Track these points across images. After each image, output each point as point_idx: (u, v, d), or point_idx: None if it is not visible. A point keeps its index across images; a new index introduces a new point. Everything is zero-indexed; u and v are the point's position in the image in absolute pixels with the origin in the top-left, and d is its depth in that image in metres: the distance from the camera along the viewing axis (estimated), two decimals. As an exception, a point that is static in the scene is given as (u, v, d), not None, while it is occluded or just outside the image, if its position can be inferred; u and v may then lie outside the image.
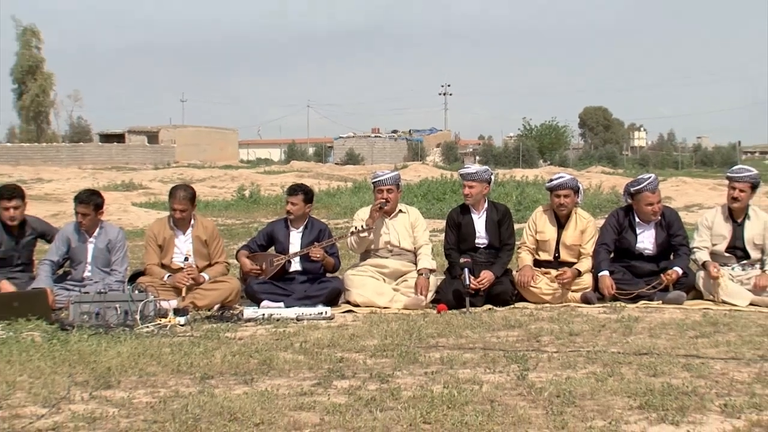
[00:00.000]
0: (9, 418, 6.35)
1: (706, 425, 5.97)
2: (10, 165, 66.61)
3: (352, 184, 40.78)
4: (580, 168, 61.80)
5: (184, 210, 11.42)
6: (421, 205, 13.45)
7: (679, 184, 36.78)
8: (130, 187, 38.48)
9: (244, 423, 6.04)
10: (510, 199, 23.75)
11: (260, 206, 30.03)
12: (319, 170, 61.77)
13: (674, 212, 12.34)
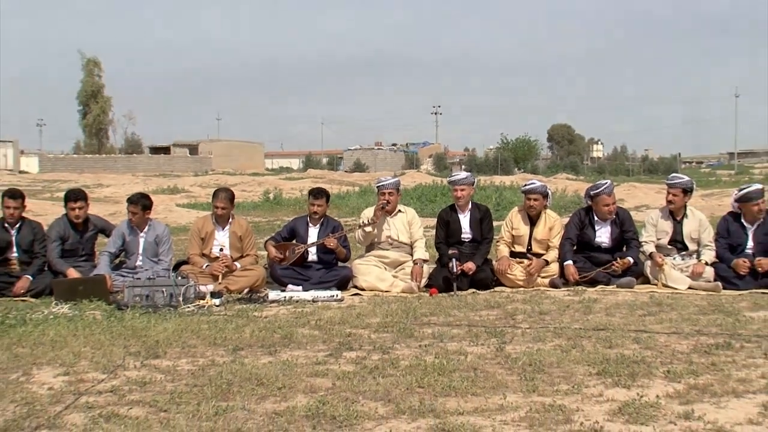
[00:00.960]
0: (75, 382, 6.40)
1: (652, 388, 5.99)
2: (76, 173, 66.52)
3: (358, 188, 40.70)
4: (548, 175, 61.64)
5: (224, 208, 11.57)
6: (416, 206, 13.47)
7: (630, 189, 36.74)
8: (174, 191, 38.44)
9: (269, 387, 6.08)
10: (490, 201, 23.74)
11: (282, 206, 30.05)
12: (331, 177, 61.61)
13: (626, 212, 12.41)
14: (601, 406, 5.59)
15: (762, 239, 11.58)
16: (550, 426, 5.13)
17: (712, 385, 6.11)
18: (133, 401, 5.82)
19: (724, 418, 5.30)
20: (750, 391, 5.99)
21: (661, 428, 5.08)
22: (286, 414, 5.39)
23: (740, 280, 11.24)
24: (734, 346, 7.52)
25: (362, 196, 33.48)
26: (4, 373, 6.73)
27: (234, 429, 5.07)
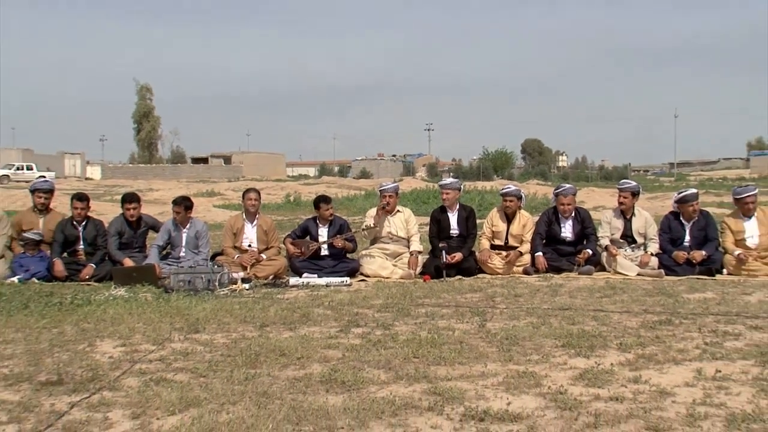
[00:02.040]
0: (130, 351, 6.41)
1: (607, 358, 5.98)
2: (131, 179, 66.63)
3: (364, 192, 40.71)
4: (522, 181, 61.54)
5: (256, 199, 11.77)
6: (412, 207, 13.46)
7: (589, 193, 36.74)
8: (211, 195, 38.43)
9: (290, 357, 6.06)
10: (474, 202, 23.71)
11: (301, 207, 30.04)
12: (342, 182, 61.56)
13: (586, 211, 12.42)
14: (565, 373, 5.58)
15: (697, 234, 11.63)
16: (524, 389, 5.11)
17: (656, 355, 6.11)
18: (178, 368, 5.82)
19: (665, 382, 5.30)
20: (687, 359, 5.99)
21: (614, 391, 5.07)
22: (304, 380, 5.38)
23: (679, 268, 11.27)
24: (674, 322, 7.51)
25: (367, 198, 33.49)
26: (72, 344, 6.74)
27: (261, 392, 5.05)
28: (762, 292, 9.64)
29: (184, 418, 4.53)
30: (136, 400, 4.97)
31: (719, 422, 4.46)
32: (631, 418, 4.51)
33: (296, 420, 4.47)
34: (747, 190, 12.02)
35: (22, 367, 5.92)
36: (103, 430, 4.43)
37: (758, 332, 7.04)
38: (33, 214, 12.02)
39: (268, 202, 32.33)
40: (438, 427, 4.37)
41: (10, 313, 8.23)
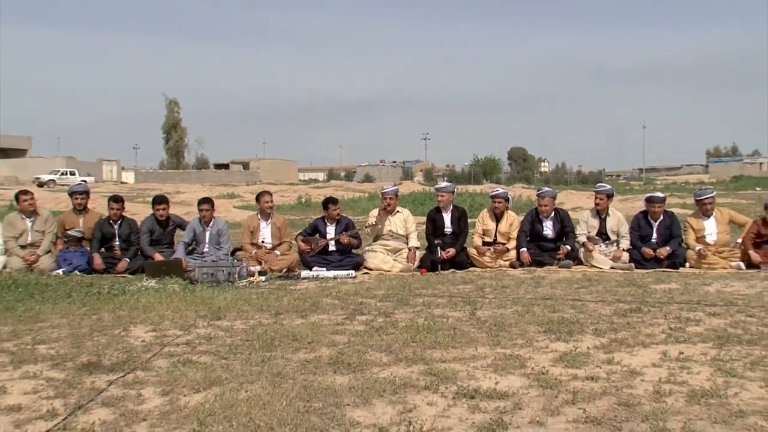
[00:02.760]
0: (160, 336, 6.41)
1: (584, 341, 5.98)
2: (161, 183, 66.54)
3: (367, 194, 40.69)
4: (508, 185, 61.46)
5: (270, 202, 11.82)
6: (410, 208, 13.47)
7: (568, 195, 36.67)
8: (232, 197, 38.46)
9: (301, 341, 6.05)
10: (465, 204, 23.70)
11: (311, 208, 30.04)
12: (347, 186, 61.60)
13: (566, 212, 12.40)
14: (546, 355, 5.57)
15: (663, 232, 11.65)
16: (510, 370, 5.11)
17: (627, 339, 6.10)
18: (202, 351, 5.81)
19: (635, 363, 5.29)
20: (654, 342, 5.99)
21: (590, 371, 5.06)
22: (314, 362, 5.37)
23: (647, 262, 11.28)
24: (643, 310, 7.50)
25: (370, 200, 33.43)
26: (109, 329, 6.74)
27: (275, 372, 5.05)
28: (719, 283, 9.64)
29: (208, 395, 4.54)
30: (166, 379, 4.98)
31: (682, 398, 4.46)
32: (604, 395, 4.51)
33: (307, 397, 4.46)
34: (706, 192, 12.10)
35: (66, 349, 5.94)
36: (136, 405, 4.43)
37: (716, 318, 7.05)
38: (73, 215, 12.06)
39: (282, 203, 32.40)
40: (434, 404, 4.37)
41: (55, 302, 8.27)
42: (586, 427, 3.95)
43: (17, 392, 4.77)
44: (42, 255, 11.38)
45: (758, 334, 6.33)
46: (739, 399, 4.47)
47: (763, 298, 8.35)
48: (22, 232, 11.53)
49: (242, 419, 4.06)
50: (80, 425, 4.09)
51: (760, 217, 11.66)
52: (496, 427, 3.93)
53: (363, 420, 4.09)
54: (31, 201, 11.74)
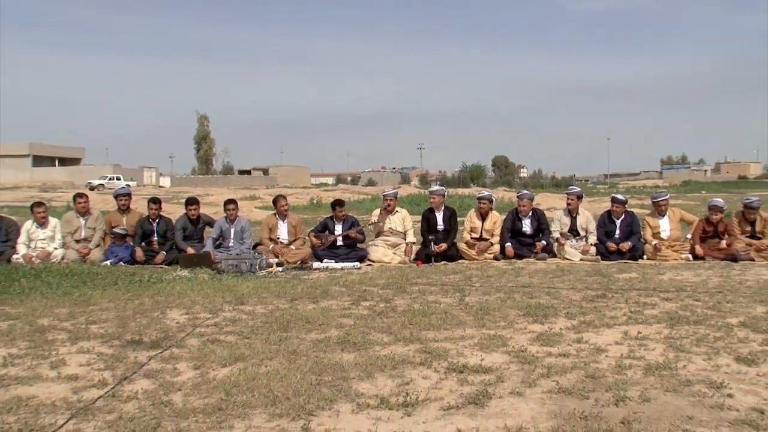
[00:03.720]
0: (192, 318, 6.40)
1: (557, 323, 5.97)
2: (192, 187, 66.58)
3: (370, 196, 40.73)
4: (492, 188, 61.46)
5: (286, 204, 11.82)
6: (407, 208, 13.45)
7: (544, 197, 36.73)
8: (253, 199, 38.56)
9: (313, 323, 6.03)
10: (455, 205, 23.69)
11: (321, 208, 30.02)
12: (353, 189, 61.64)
13: (542, 211, 12.41)
14: (525, 335, 5.55)
15: (624, 229, 11.64)
16: (494, 348, 5.09)
17: (594, 321, 6.08)
18: (228, 332, 5.80)
19: (601, 341, 5.28)
20: (617, 324, 5.97)
21: (562, 349, 5.05)
22: (324, 341, 5.36)
23: (611, 255, 11.27)
24: (607, 296, 7.48)
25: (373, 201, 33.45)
26: (149, 312, 6.73)
27: (291, 350, 5.03)
28: (672, 272, 9.64)
29: (233, 369, 4.52)
30: (197, 355, 4.96)
31: (639, 370, 4.46)
32: (574, 369, 4.49)
33: (318, 372, 4.45)
34: (661, 195, 12.17)
35: (113, 329, 5.95)
36: (172, 377, 4.42)
37: (669, 303, 7.05)
38: (118, 214, 12.12)
39: (296, 204, 32.42)
40: (428, 378, 4.35)
41: (104, 288, 8.30)
42: (558, 397, 3.93)
43: (74, 364, 4.82)
44: (93, 248, 11.51)
45: (703, 315, 6.35)
46: (686, 370, 4.49)
47: (707, 285, 8.36)
48: (77, 228, 11.69)
49: (262, 390, 4.05)
50: (126, 393, 4.11)
51: (705, 216, 11.69)
52: (482, 397, 3.91)
53: (367, 391, 4.08)
54: (85, 203, 11.91)
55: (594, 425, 3.45)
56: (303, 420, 3.61)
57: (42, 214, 11.53)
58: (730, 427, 3.51)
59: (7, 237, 11.47)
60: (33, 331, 5.91)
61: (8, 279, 8.74)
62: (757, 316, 6.33)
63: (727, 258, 11.04)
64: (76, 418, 3.71)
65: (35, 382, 4.41)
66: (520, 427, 3.47)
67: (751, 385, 4.21)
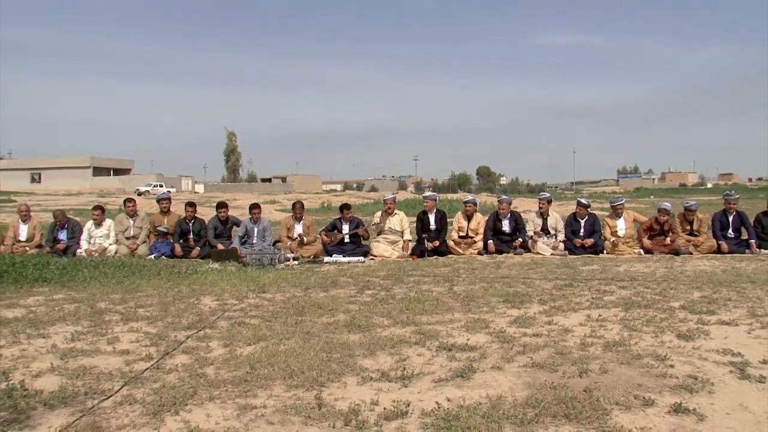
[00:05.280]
0: (222, 304, 6.38)
1: (531, 309, 5.95)
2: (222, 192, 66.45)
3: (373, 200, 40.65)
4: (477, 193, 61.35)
5: (301, 209, 11.74)
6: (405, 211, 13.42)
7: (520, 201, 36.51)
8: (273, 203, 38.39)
9: (324, 308, 6.03)
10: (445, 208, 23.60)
11: (331, 210, 29.98)
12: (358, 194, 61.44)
13: (518, 213, 12.37)
14: (504, 319, 5.54)
15: (588, 228, 11.67)
16: (478, 330, 5.08)
17: (562, 306, 6.08)
18: (252, 315, 5.79)
19: (568, 323, 5.27)
20: (581, 308, 5.97)
21: (535, 330, 5.05)
22: (334, 324, 5.35)
23: (576, 250, 11.29)
24: (574, 285, 7.48)
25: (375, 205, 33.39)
26: (186, 298, 6.73)
27: (305, 332, 5.02)
28: (626, 264, 9.63)
29: (257, 348, 4.51)
30: (226, 335, 4.96)
31: (600, 347, 4.46)
32: (546, 347, 4.49)
33: (329, 350, 4.44)
34: (618, 200, 12.26)
35: (156, 312, 5.97)
36: (206, 353, 4.42)
37: (624, 290, 7.07)
38: (160, 215, 12.15)
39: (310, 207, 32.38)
40: (422, 355, 4.34)
41: (149, 278, 8.34)
42: (532, 371, 3.93)
43: (125, 341, 4.86)
44: (140, 244, 11.58)
45: (651, 300, 6.39)
46: (637, 346, 4.50)
47: (655, 275, 8.38)
48: (127, 228, 11.81)
49: (281, 365, 4.04)
50: (168, 366, 4.12)
51: (654, 216, 11.72)
52: (467, 371, 3.90)
53: (370, 366, 4.07)
54: (133, 206, 12.03)
55: (561, 393, 3.45)
56: (316, 390, 3.60)
57: (98, 215, 11.72)
58: (670, 392, 3.52)
59: (72, 235, 11.73)
60: (93, 313, 5.99)
61: (74, 269, 8.83)
62: (694, 300, 6.39)
63: (670, 252, 11.10)
64: (128, 385, 3.74)
65: (96, 354, 4.47)
66: (500, 396, 3.46)
67: (688, 357, 4.24)
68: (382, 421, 3.16)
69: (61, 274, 8.43)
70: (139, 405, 3.42)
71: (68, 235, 11.68)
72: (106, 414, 3.30)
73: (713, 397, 3.45)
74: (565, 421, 3.10)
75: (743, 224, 11.67)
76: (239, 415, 3.27)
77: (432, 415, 3.21)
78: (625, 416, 3.16)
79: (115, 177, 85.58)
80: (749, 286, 7.29)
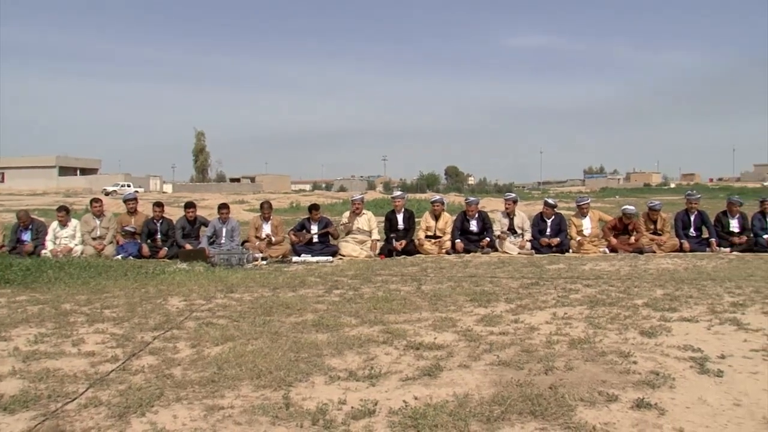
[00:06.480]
0: (189, 304, 6.31)
1: (498, 307, 5.99)
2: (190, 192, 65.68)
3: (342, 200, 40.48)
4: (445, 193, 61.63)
5: (269, 209, 11.68)
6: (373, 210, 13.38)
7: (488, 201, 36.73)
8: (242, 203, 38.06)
9: (292, 308, 5.98)
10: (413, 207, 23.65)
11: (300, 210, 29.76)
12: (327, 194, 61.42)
13: (486, 213, 12.44)
14: (472, 317, 5.57)
15: (554, 227, 11.77)
16: (445, 329, 5.10)
17: (529, 304, 6.12)
18: (220, 315, 5.73)
19: (534, 321, 5.32)
20: (547, 306, 6.03)
21: (502, 328, 5.08)
22: (302, 324, 5.32)
23: (543, 249, 11.39)
24: (540, 283, 7.55)
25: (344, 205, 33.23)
26: (153, 299, 6.64)
27: (273, 332, 4.99)
28: (592, 263, 9.75)
29: (224, 348, 4.47)
30: (194, 335, 4.91)
31: (565, 345, 4.51)
32: (512, 345, 4.52)
33: (296, 350, 4.42)
34: (584, 199, 12.43)
35: (123, 313, 5.89)
36: (173, 354, 4.37)
37: (589, 288, 7.14)
38: (127, 216, 12.06)
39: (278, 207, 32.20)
40: (389, 354, 4.34)
41: (116, 279, 8.22)
42: (498, 368, 3.95)
43: (91, 342, 4.79)
44: (107, 245, 11.45)
45: (616, 298, 6.47)
46: (602, 343, 4.55)
47: (619, 273, 8.50)
48: (93, 228, 11.68)
49: (249, 365, 4.01)
50: (134, 367, 4.07)
51: (618, 216, 11.89)
52: (435, 370, 3.91)
53: (338, 366, 4.06)
54: (100, 206, 11.96)
55: (527, 391, 3.48)
56: (283, 390, 3.58)
57: (63, 216, 11.56)
58: (633, 387, 3.57)
59: (36, 236, 11.56)
60: (58, 314, 5.88)
61: (38, 270, 8.66)
62: (656, 297, 6.48)
63: (635, 251, 11.27)
64: (93, 388, 3.68)
65: (60, 357, 4.40)
66: (467, 394, 3.47)
67: (650, 353, 4.30)
68: (350, 420, 3.15)
69: (24, 276, 8.25)
70: (105, 407, 3.37)
71: (32, 235, 11.50)
72: (69, 417, 3.24)
73: (674, 392, 3.51)
74: (531, 418, 3.13)
75: (704, 223, 11.91)
76: (206, 415, 3.24)
77: (399, 413, 3.21)
78: (589, 412, 3.20)
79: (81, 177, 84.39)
80: (709, 283, 7.44)
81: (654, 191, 76.54)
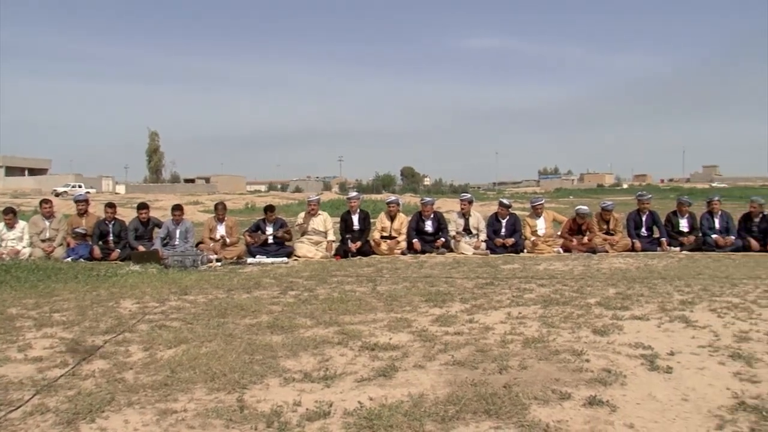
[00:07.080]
0: (142, 307, 6.20)
1: (453, 307, 6.02)
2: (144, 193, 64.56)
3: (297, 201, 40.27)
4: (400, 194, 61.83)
5: (223, 210, 11.57)
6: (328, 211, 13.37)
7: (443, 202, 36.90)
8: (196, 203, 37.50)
9: (247, 310, 5.93)
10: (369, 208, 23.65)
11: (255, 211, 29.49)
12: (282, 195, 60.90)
13: (441, 214, 12.48)
14: (427, 318, 5.59)
15: (509, 228, 11.87)
16: (400, 329, 5.10)
17: (483, 304, 6.17)
18: (174, 318, 5.64)
19: (489, 321, 5.36)
20: (502, 306, 6.08)
21: (457, 328, 5.11)
22: (256, 325, 5.27)
23: (498, 249, 11.48)
24: (495, 283, 7.62)
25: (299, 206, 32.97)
26: (105, 302, 6.50)
27: (227, 334, 4.93)
28: (546, 263, 9.87)
29: (177, 351, 4.41)
30: (146, 338, 4.82)
31: (519, 344, 4.55)
32: (467, 345, 4.55)
33: (251, 352, 4.37)
34: (538, 200, 12.57)
35: (73, 317, 5.75)
36: (125, 358, 4.29)
37: (543, 288, 7.23)
38: (78, 217, 11.78)
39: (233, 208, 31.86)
40: (344, 355, 4.33)
41: (65, 281, 8.01)
42: (453, 368, 3.97)
43: (39, 348, 4.66)
44: (56, 247, 11.21)
45: (570, 297, 6.56)
46: (555, 342, 4.61)
47: (573, 273, 8.63)
48: (42, 229, 11.39)
49: (203, 368, 3.96)
50: (84, 372, 3.98)
51: (573, 217, 12.07)
52: (390, 370, 3.92)
53: (292, 367, 4.03)
54: (50, 207, 11.69)
55: (482, 390, 3.50)
56: (238, 393, 3.54)
57: (10, 218, 11.23)
58: (586, 385, 3.63)
59: None
60: (3, 319, 5.69)
61: (-19, 274, 8.39)
62: (609, 296, 6.60)
63: (588, 250, 11.45)
64: (40, 394, 3.58)
65: (4, 363, 4.25)
66: (422, 394, 3.49)
67: (603, 351, 4.38)
68: (305, 421, 3.13)
69: (-33, 279, 7.99)
70: (52, 414, 3.28)
71: (-24, 238, 11.11)
72: (14, 426, 3.14)
73: (625, 389, 3.58)
74: (486, 417, 3.16)
75: (655, 223, 12.17)
76: (159, 420, 3.18)
77: (354, 414, 3.21)
78: (543, 410, 3.24)
79: (30, 177, 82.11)
80: (660, 282, 7.62)
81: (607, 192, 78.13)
